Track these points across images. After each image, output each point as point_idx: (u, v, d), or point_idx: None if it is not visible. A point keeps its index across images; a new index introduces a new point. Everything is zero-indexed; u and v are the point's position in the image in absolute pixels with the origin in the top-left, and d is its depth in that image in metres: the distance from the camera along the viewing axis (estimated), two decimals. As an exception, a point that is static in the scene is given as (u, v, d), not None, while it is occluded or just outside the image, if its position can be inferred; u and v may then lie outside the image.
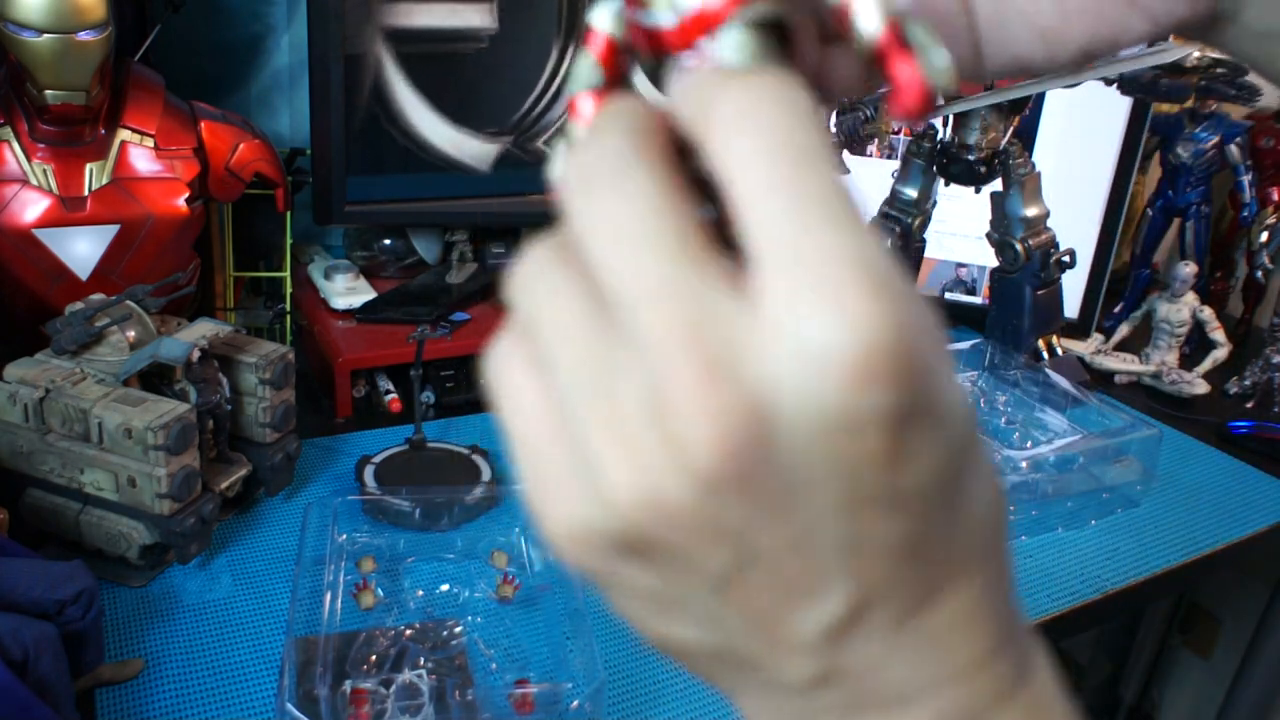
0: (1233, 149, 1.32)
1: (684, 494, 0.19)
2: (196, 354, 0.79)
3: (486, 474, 0.93)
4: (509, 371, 0.22)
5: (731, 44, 0.22)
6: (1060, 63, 0.31)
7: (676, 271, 0.19)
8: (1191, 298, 1.27)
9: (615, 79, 0.24)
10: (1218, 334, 1.28)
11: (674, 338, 0.19)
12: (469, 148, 1.14)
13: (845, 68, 0.25)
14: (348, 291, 1.14)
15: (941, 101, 0.22)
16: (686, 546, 0.20)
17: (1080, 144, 1.30)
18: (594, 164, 0.21)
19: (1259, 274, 1.35)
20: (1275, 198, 1.38)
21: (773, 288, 0.19)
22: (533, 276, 0.22)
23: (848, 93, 0.26)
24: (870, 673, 0.22)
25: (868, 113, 1.18)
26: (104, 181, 0.90)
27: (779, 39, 0.22)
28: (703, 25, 0.22)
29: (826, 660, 0.21)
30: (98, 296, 0.82)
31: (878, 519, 0.20)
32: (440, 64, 1.11)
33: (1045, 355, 1.23)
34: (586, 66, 0.24)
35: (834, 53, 0.25)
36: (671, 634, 0.23)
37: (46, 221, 0.88)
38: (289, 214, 1.05)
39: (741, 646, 0.22)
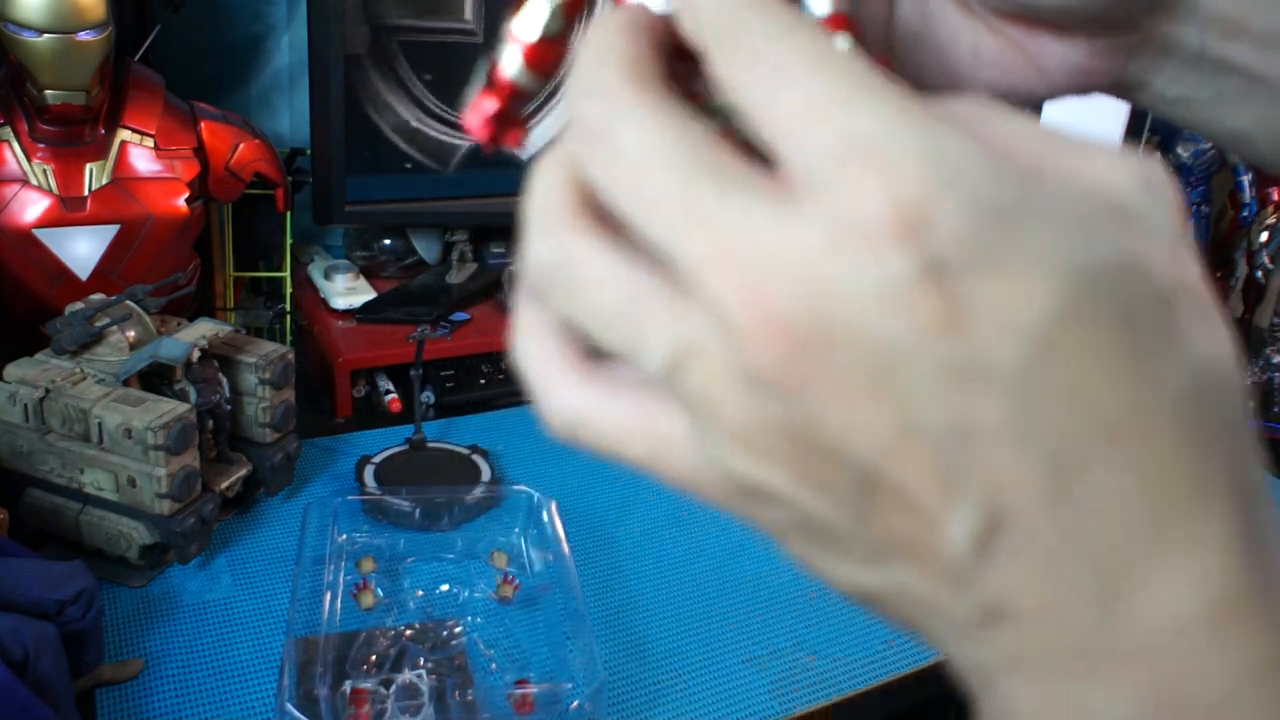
0: (1233, 149, 1.32)
1: (767, 414, 0.18)
2: (196, 354, 0.79)
3: (486, 474, 0.93)
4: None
5: None
6: None
7: (697, 195, 0.19)
8: (1191, 298, 1.27)
9: (568, 34, 0.23)
10: (1218, 334, 1.28)
11: (708, 259, 0.18)
12: (435, 144, 1.14)
13: None
14: (348, 291, 1.14)
15: None
16: (803, 471, 0.19)
17: (1080, 144, 1.30)
18: (591, 101, 0.20)
19: (1259, 274, 1.35)
20: (1275, 198, 1.38)
21: (797, 181, 0.18)
22: (545, 238, 0.21)
23: None
24: (1040, 612, 0.18)
25: None
26: (104, 181, 0.90)
27: None
28: None
29: (984, 584, 0.18)
30: (98, 296, 0.82)
31: (969, 397, 0.17)
32: (425, 53, 1.11)
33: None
34: (546, 9, 0.23)
35: None
36: (841, 576, 0.21)
37: (46, 221, 0.88)
38: (289, 214, 1.05)
39: (913, 584, 0.20)
